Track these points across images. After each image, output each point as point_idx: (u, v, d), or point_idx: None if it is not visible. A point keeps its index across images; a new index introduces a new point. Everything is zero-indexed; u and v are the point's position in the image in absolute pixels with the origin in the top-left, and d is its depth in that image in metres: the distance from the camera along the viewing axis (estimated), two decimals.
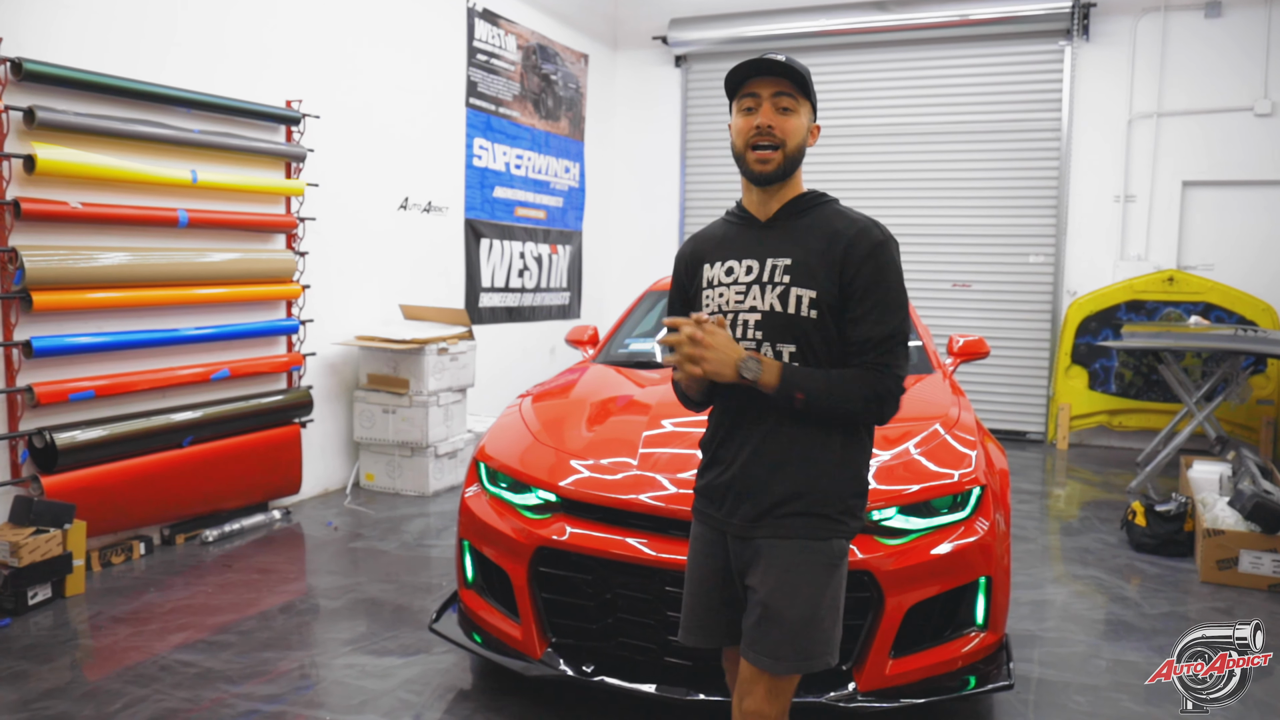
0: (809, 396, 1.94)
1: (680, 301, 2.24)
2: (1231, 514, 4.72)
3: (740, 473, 2.05)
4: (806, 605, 1.99)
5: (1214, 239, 8.08)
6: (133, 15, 4.67)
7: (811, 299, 1.99)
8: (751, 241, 2.08)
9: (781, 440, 2.01)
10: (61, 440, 4.26)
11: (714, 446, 2.14)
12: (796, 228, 2.05)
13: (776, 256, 2.03)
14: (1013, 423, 8.62)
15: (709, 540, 2.14)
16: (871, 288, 1.98)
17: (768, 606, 1.99)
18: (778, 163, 2.02)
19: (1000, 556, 3.08)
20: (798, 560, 2.00)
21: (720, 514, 2.09)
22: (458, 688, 3.39)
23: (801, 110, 2.04)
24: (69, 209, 4.28)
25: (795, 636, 1.98)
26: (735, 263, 2.08)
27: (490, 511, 3.28)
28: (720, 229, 2.19)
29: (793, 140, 2.02)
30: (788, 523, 2.01)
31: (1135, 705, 3.32)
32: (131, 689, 3.31)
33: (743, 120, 2.04)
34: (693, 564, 2.20)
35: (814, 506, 2.01)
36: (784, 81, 2.02)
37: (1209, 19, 7.82)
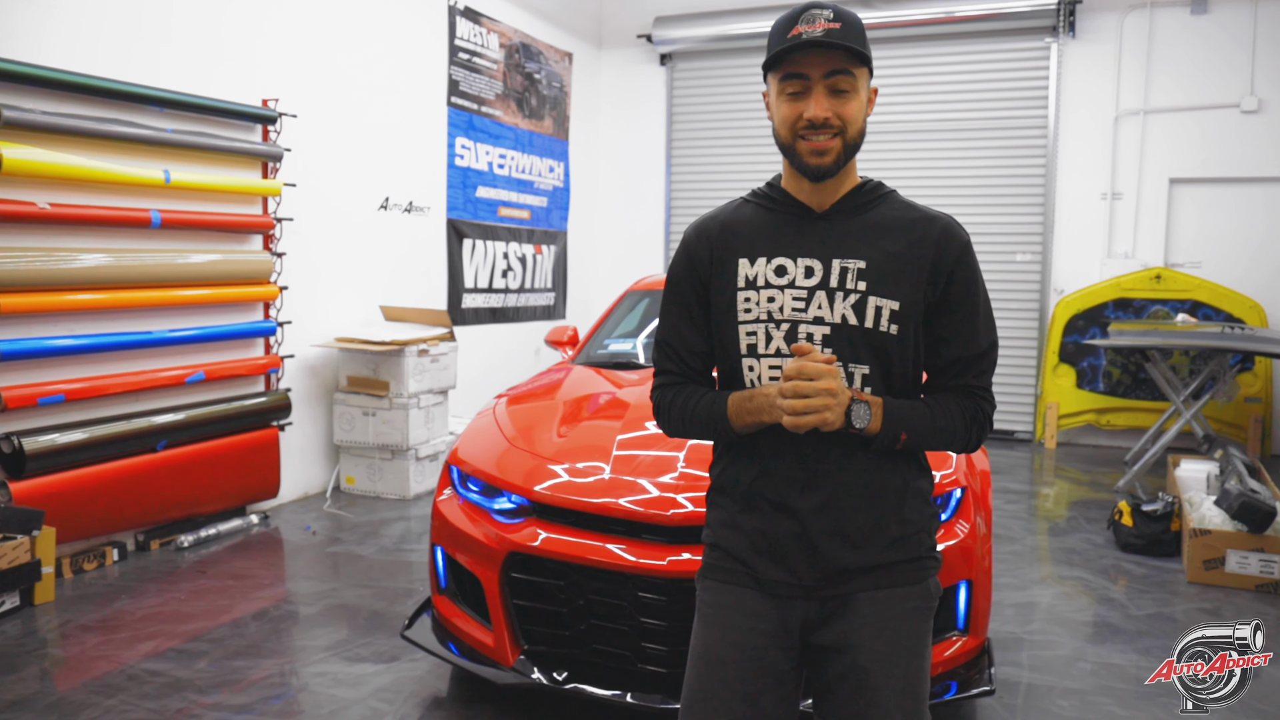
0: (913, 435, 1.65)
1: (695, 302, 1.78)
2: (1218, 513, 4.68)
3: (814, 518, 1.67)
4: (912, 662, 1.68)
5: (1201, 236, 8.06)
6: (121, 17, 4.60)
7: (894, 311, 1.65)
8: (808, 236, 1.70)
9: (856, 472, 1.67)
10: (30, 445, 4.18)
11: (751, 488, 1.72)
12: (865, 223, 1.70)
13: (846, 257, 1.67)
14: (1001, 422, 8.58)
15: (752, 611, 1.70)
16: (964, 298, 1.69)
17: (868, 672, 1.65)
18: (837, 152, 1.64)
19: (981, 559, 3.03)
20: (897, 611, 1.68)
21: (783, 573, 1.69)
22: (431, 695, 3.32)
23: (860, 86, 1.65)
24: (37, 209, 4.20)
25: (904, 702, 1.66)
26: (788, 261, 1.68)
27: (462, 516, 3.21)
28: (754, 215, 1.77)
29: (854, 126, 1.64)
30: (881, 570, 1.69)
31: (1120, 710, 3.27)
32: (98, 699, 3.24)
33: (788, 107, 1.65)
34: (720, 639, 1.71)
35: (904, 545, 1.70)
36: (837, 56, 1.61)
37: (1195, 15, 7.79)
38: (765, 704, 1.69)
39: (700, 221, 1.83)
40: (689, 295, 1.78)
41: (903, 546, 1.71)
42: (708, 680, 1.71)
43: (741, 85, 9.22)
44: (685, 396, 1.77)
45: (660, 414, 1.82)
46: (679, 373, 1.81)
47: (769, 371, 1.68)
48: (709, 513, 1.81)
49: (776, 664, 1.70)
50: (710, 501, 1.81)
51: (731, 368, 1.74)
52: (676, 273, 1.81)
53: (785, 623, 1.70)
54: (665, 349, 1.82)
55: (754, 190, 1.82)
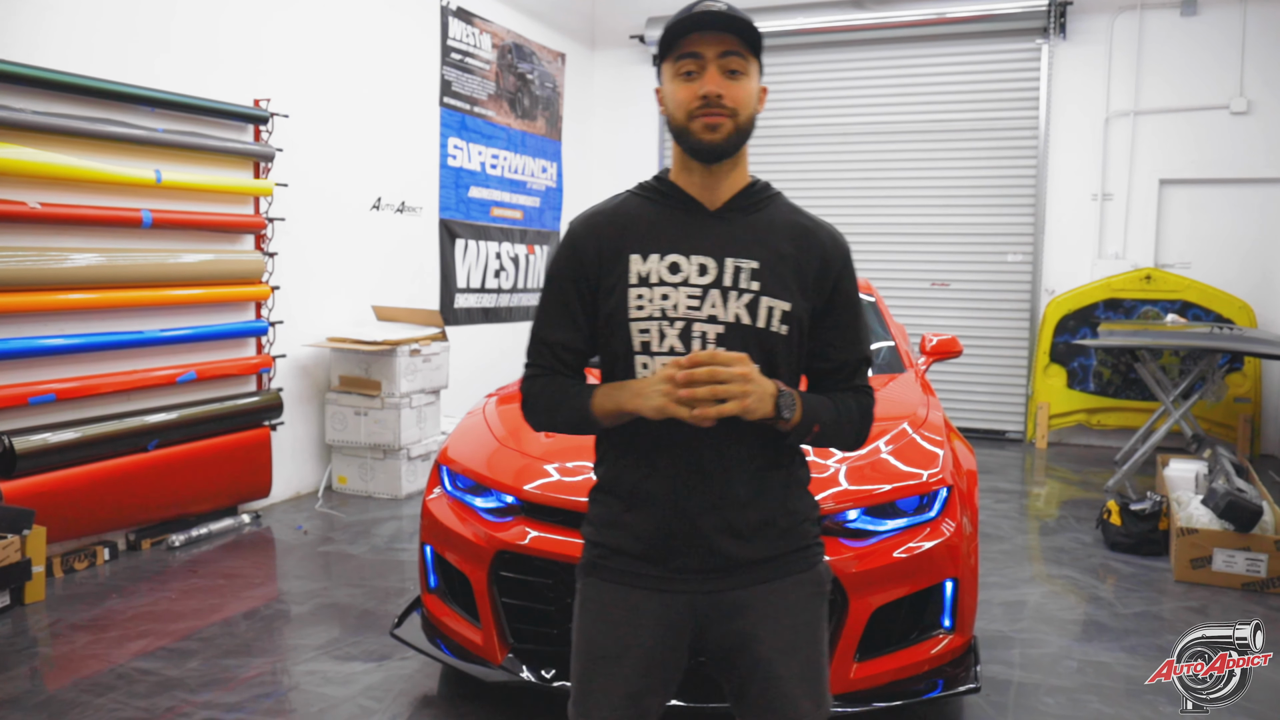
0: (823, 428, 1.66)
1: (576, 299, 1.73)
2: (1205, 513, 4.70)
3: (702, 515, 1.66)
4: (810, 648, 1.70)
5: (1191, 237, 8.10)
6: (117, 18, 4.60)
7: (785, 312, 1.67)
8: (701, 234, 1.68)
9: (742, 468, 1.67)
10: (21, 444, 4.19)
11: (635, 484, 1.70)
12: (755, 223, 1.70)
13: (739, 257, 1.66)
14: (992, 422, 8.61)
15: (637, 608, 1.69)
16: (849, 304, 1.74)
17: (772, 663, 1.67)
18: (729, 130, 1.64)
19: (967, 557, 3.04)
20: (791, 600, 1.70)
21: (671, 571, 1.68)
22: (420, 694, 3.33)
23: (751, 72, 1.67)
24: (27, 209, 4.20)
25: (809, 687, 1.68)
26: (681, 258, 1.66)
27: (452, 515, 3.22)
28: (643, 209, 1.73)
29: (745, 109, 1.65)
30: (771, 562, 1.70)
31: (1106, 708, 3.29)
32: (88, 698, 3.24)
33: (682, 88, 1.64)
34: (606, 637, 1.71)
35: (792, 535, 1.72)
36: (731, 38, 1.63)
37: (1185, 17, 7.83)
38: (649, 703, 1.71)
39: (587, 215, 1.77)
40: (570, 292, 1.74)
41: (791, 537, 1.72)
42: (597, 677, 1.71)
43: None
44: (554, 389, 1.73)
45: (527, 406, 1.78)
46: (549, 367, 1.76)
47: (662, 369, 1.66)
48: (591, 509, 1.79)
49: (663, 662, 1.71)
50: (593, 499, 1.79)
51: (623, 366, 1.70)
52: (560, 267, 1.75)
53: (671, 620, 1.69)
54: (540, 345, 1.77)
55: (641, 183, 1.78)
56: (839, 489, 3.00)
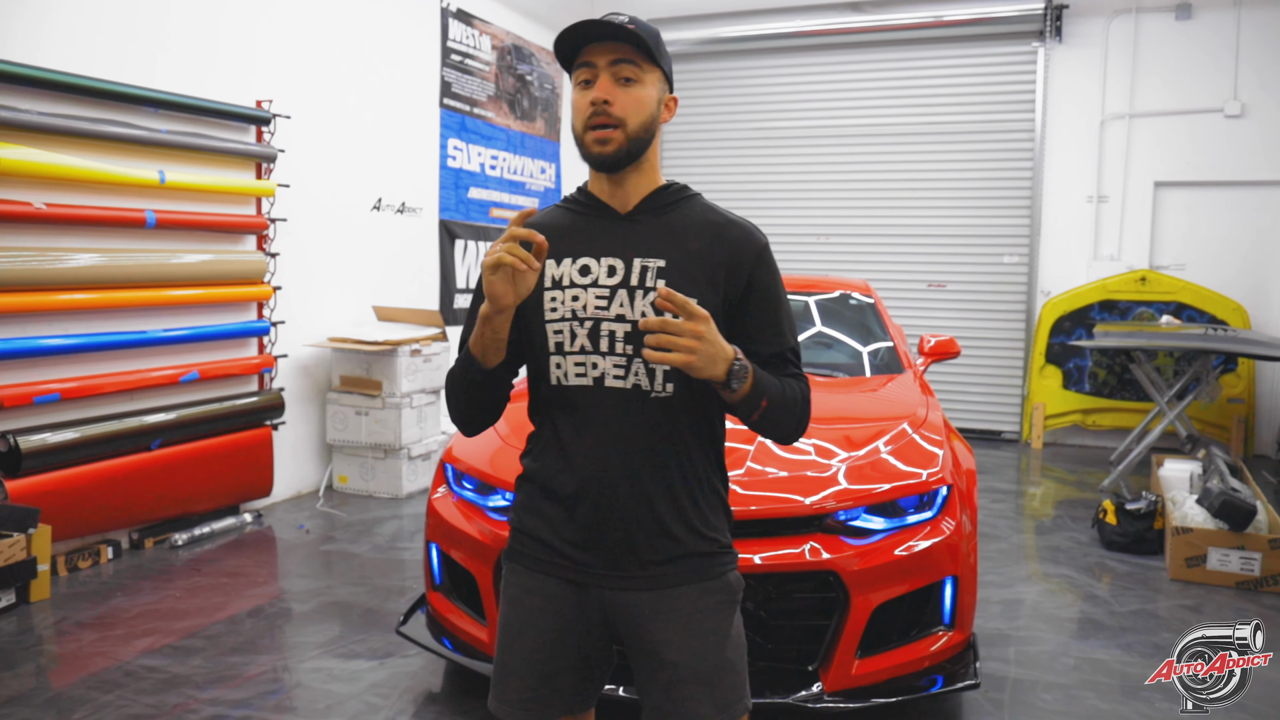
0: (770, 404, 1.67)
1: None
2: (1200, 512, 4.75)
3: (612, 511, 1.70)
4: (716, 654, 1.72)
5: (1185, 239, 8.16)
6: (118, 18, 4.63)
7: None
8: (611, 236, 1.74)
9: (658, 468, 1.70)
10: (25, 443, 4.21)
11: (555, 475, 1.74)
12: (665, 224, 1.74)
13: (646, 256, 1.70)
14: (988, 422, 8.66)
15: (552, 595, 1.75)
16: (768, 298, 1.75)
17: (677, 666, 1.70)
18: (618, 143, 1.68)
19: (966, 555, 3.09)
20: (699, 606, 1.72)
21: (583, 563, 1.73)
22: (425, 691, 3.37)
23: (648, 80, 1.69)
24: (33, 209, 4.23)
25: (712, 691, 1.71)
26: (592, 260, 1.72)
27: (457, 514, 3.26)
28: (561, 218, 1.80)
29: (635, 118, 1.68)
30: (679, 564, 1.72)
31: (1103, 704, 3.34)
32: (95, 695, 3.27)
33: (579, 96, 1.70)
34: (522, 621, 1.77)
35: (701, 540, 1.73)
36: (623, 46, 1.67)
37: (1179, 21, 7.89)
38: (561, 683, 1.76)
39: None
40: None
41: (700, 542, 1.73)
42: (509, 657, 1.77)
43: (732, 87, 9.27)
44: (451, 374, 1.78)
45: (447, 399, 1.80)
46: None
47: (574, 367, 1.71)
48: (516, 497, 1.84)
49: (576, 647, 1.76)
50: (518, 487, 1.84)
51: (539, 365, 1.76)
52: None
53: (584, 609, 1.74)
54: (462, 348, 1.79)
55: (567, 195, 1.86)
56: (840, 488, 3.04)
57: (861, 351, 4.56)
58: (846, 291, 4.96)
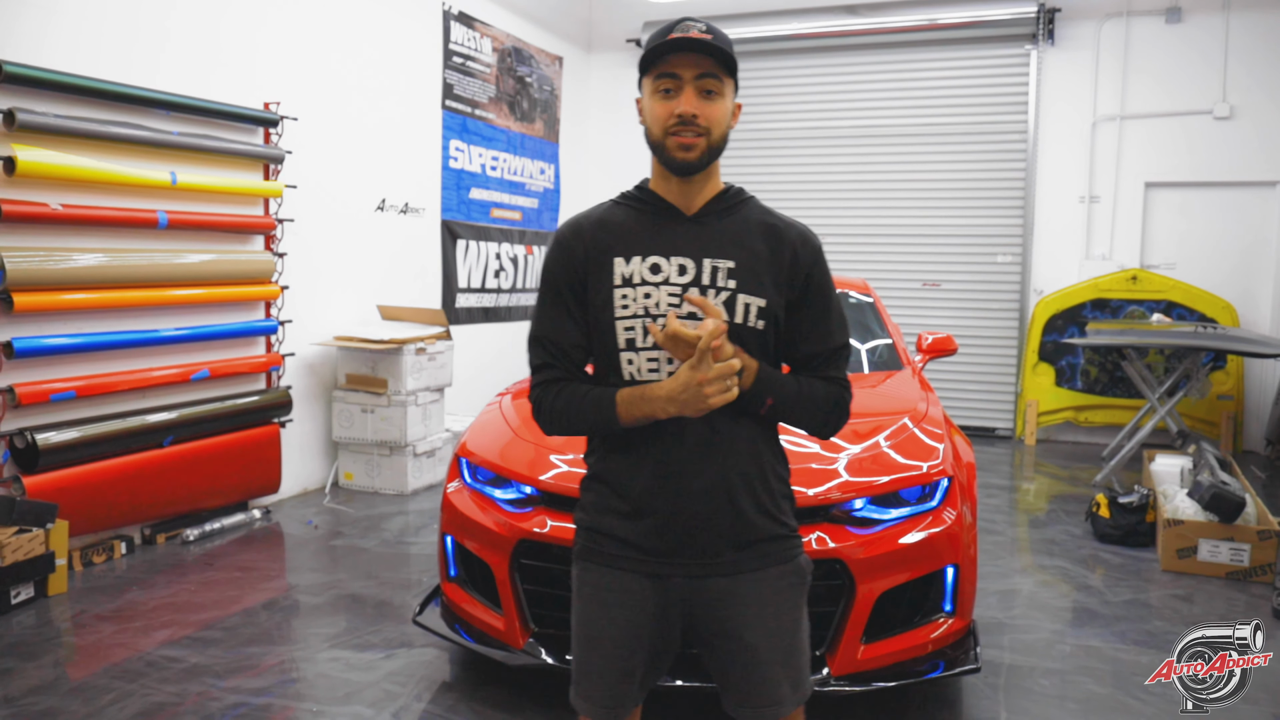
0: (778, 402, 1.77)
1: (571, 298, 1.83)
2: (1191, 505, 4.87)
3: (685, 500, 1.76)
4: (791, 635, 1.82)
5: (1175, 239, 8.29)
6: (121, 20, 4.70)
7: (760, 308, 1.78)
8: (679, 236, 1.80)
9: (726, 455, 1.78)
10: (43, 441, 4.29)
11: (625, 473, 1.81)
12: (729, 226, 1.82)
13: (716, 257, 1.78)
14: (982, 419, 8.78)
15: (629, 591, 1.80)
16: (821, 297, 1.84)
17: (757, 648, 1.79)
18: (702, 149, 1.75)
19: (967, 545, 3.19)
20: (775, 590, 1.81)
21: (661, 556, 1.79)
22: (440, 679, 3.46)
23: (726, 92, 1.78)
24: (49, 210, 4.30)
25: (789, 672, 1.81)
26: (662, 259, 1.78)
27: (473, 506, 3.35)
28: (625, 216, 1.86)
29: (718, 128, 1.77)
30: (755, 549, 1.80)
31: (1098, 688, 3.45)
32: (119, 684, 3.35)
33: (660, 105, 1.77)
34: (603, 619, 1.82)
35: (773, 527, 1.82)
36: (709, 60, 1.74)
37: (1169, 24, 8.02)
38: (638, 679, 1.83)
39: (574, 221, 1.89)
40: (564, 291, 1.83)
41: (773, 526, 1.82)
42: (591, 655, 1.83)
43: None
44: (569, 396, 1.80)
45: (541, 413, 1.84)
46: (559, 368, 1.83)
47: (647, 364, 1.77)
48: (583, 497, 1.89)
49: (653, 641, 1.82)
50: (585, 487, 1.89)
51: (609, 360, 1.80)
52: (551, 270, 1.85)
53: (664, 602, 1.80)
54: (543, 345, 1.85)
55: (623, 193, 1.91)
56: (843, 480, 3.14)
57: (861, 349, 4.66)
58: (846, 290, 5.06)
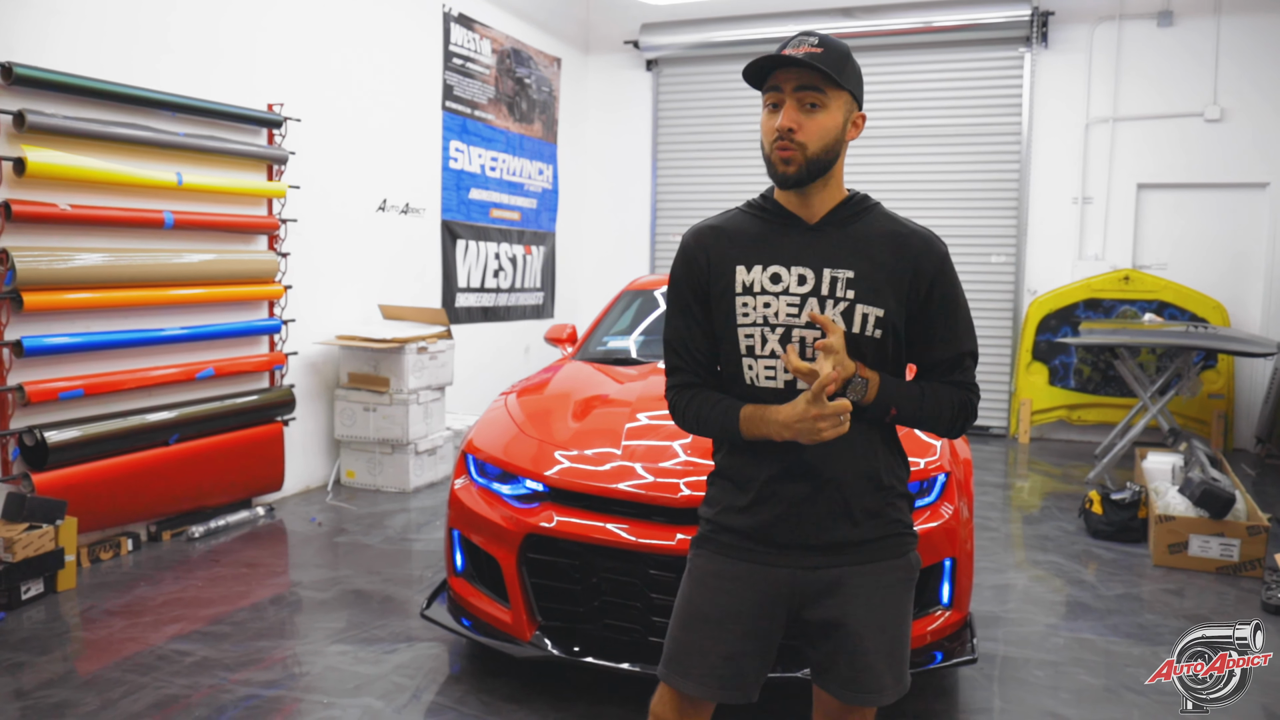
0: (901, 411, 1.82)
1: (695, 304, 1.91)
2: (1182, 501, 4.96)
3: (808, 501, 1.83)
4: (897, 629, 1.88)
5: (1167, 239, 8.38)
6: (121, 21, 4.75)
7: (878, 318, 1.80)
8: (800, 246, 1.83)
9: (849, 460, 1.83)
10: (52, 438, 4.34)
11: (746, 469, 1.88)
12: (851, 235, 1.84)
13: (836, 267, 1.80)
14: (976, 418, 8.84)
15: (743, 579, 1.87)
16: (946, 305, 1.86)
17: (863, 638, 1.84)
18: (799, 164, 1.78)
19: (964, 540, 3.26)
20: (884, 584, 1.87)
21: (778, 549, 1.85)
22: (448, 671, 3.52)
23: (833, 104, 1.78)
24: (58, 210, 4.35)
25: (892, 664, 1.87)
26: (783, 269, 1.82)
27: (480, 501, 3.41)
28: (748, 224, 1.90)
29: (817, 142, 1.77)
30: (866, 547, 1.86)
31: (1091, 678, 3.53)
32: (131, 677, 3.41)
33: (766, 119, 1.82)
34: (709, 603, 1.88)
35: (887, 523, 1.88)
36: (807, 73, 1.75)
37: (1161, 28, 8.11)
38: (745, 665, 1.87)
39: (698, 228, 1.95)
40: (689, 297, 1.91)
41: (886, 525, 1.88)
42: (696, 636, 1.87)
43: (725, 91, 9.45)
44: (700, 403, 1.90)
45: (676, 414, 1.95)
46: (689, 371, 1.93)
47: (765, 370, 1.83)
48: (709, 490, 1.98)
49: (761, 631, 1.86)
50: (711, 482, 1.98)
51: (733, 365, 1.88)
52: (677, 276, 1.93)
53: (774, 593, 1.86)
54: (674, 349, 1.94)
55: (749, 201, 1.95)
56: None
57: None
58: None
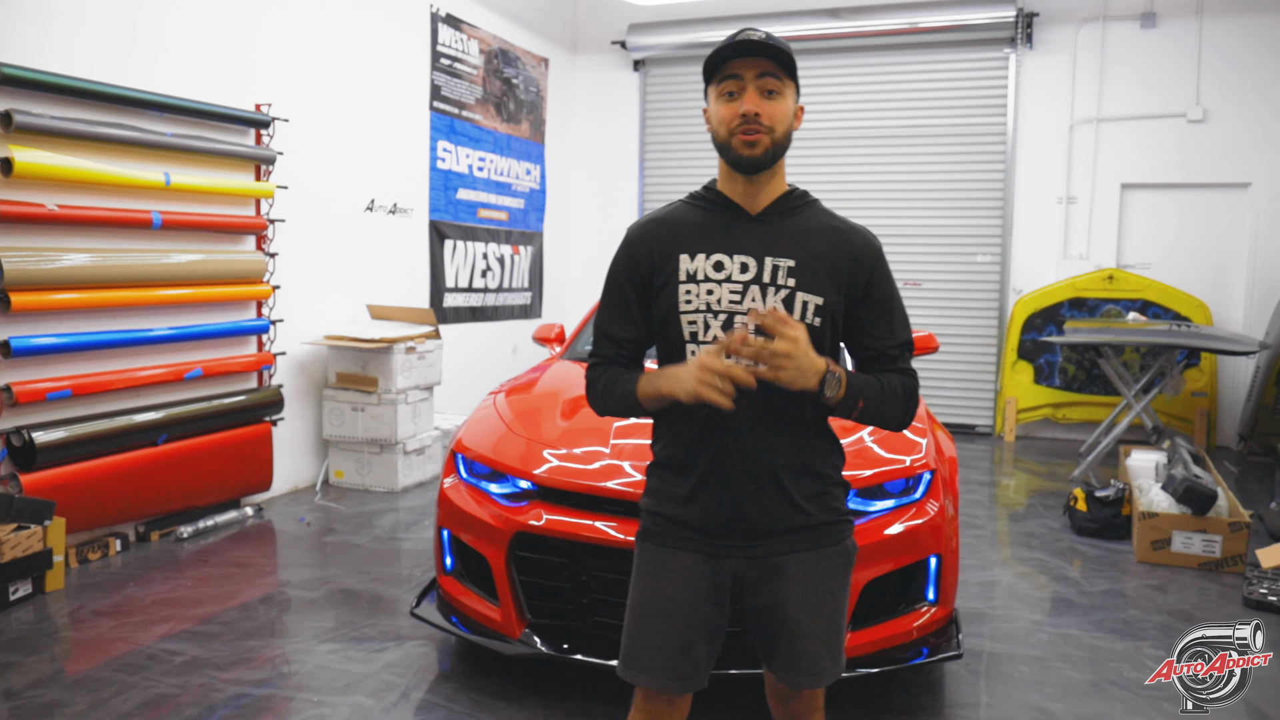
0: (867, 404, 1.84)
1: (632, 297, 1.96)
2: (1165, 498, 5.01)
3: (737, 484, 1.87)
4: (833, 612, 1.93)
5: (1151, 239, 8.46)
6: (115, 23, 4.75)
7: (818, 306, 1.85)
8: (742, 235, 1.88)
9: (778, 441, 1.87)
10: (40, 439, 4.33)
11: (686, 459, 1.91)
12: (792, 226, 1.89)
13: (777, 256, 1.86)
14: (962, 416, 8.92)
15: (687, 569, 1.91)
16: (883, 296, 1.92)
17: (800, 623, 1.89)
18: (765, 146, 1.83)
19: (949, 536, 3.30)
20: (823, 570, 1.92)
21: (717, 536, 1.90)
22: (437, 670, 3.54)
23: (787, 92, 1.87)
24: (46, 211, 4.35)
25: (829, 645, 1.93)
26: (725, 257, 1.87)
27: (469, 500, 3.43)
28: (691, 215, 1.95)
29: (780, 126, 1.85)
30: (804, 533, 1.90)
31: (1075, 673, 3.57)
32: (121, 677, 3.41)
33: (725, 107, 1.85)
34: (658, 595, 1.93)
35: (824, 509, 1.92)
36: (768, 62, 1.83)
37: (1144, 29, 8.19)
38: (697, 653, 1.92)
39: (641, 222, 2.00)
40: (627, 290, 1.96)
41: (824, 512, 1.92)
42: (647, 631, 1.92)
43: None
44: (608, 377, 1.96)
45: (589, 391, 2.00)
46: (611, 357, 1.98)
47: None
48: (649, 482, 2.00)
49: (709, 618, 1.91)
50: (650, 472, 2.00)
51: (676, 354, 1.91)
52: (617, 268, 1.98)
53: (719, 581, 1.90)
54: (601, 336, 2.00)
55: (691, 193, 2.00)
56: None
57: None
58: None
